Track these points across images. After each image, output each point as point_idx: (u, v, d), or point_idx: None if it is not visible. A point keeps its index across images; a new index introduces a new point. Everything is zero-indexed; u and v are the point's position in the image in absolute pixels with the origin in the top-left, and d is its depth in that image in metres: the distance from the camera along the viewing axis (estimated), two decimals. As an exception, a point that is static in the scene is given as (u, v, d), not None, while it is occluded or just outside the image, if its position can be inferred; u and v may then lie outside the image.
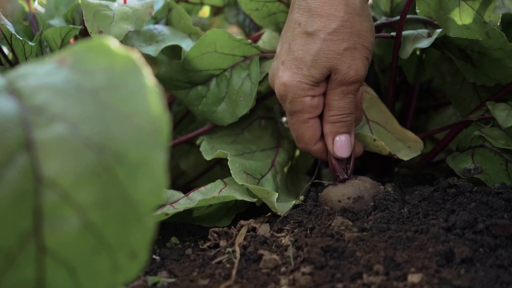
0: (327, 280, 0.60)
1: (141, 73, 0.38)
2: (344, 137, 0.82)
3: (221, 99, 0.96)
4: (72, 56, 0.40)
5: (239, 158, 0.87)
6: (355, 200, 0.78)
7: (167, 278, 0.65)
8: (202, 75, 0.96)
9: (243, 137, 1.00)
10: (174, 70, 0.96)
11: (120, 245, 0.34)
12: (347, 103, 0.80)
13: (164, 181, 0.35)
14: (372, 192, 0.80)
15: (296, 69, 0.79)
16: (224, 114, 0.96)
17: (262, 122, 1.03)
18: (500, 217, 0.69)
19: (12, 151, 0.34)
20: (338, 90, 0.79)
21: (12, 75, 0.41)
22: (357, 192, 0.79)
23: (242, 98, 0.94)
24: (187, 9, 1.28)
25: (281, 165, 0.93)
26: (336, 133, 0.82)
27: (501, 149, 0.83)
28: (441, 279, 0.58)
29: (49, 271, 0.33)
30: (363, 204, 0.78)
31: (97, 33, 0.85)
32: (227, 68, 0.95)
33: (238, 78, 0.95)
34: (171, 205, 0.79)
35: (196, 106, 0.98)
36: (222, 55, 0.94)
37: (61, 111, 0.36)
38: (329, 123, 0.82)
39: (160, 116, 0.37)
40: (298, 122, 0.82)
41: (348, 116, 0.81)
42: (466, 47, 0.88)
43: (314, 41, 0.77)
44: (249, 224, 0.78)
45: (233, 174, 0.81)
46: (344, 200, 0.78)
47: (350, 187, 0.79)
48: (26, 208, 0.33)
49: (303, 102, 0.80)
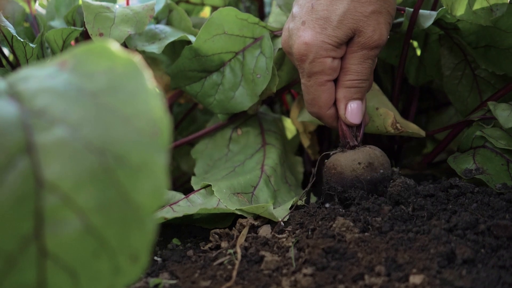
0: (328, 281, 0.60)
1: (141, 75, 0.38)
2: (356, 103, 0.81)
3: (237, 84, 0.95)
4: (73, 59, 0.40)
5: (226, 180, 0.86)
6: (365, 166, 0.78)
7: (168, 280, 0.65)
8: (215, 60, 0.95)
9: (231, 153, 0.99)
10: (187, 57, 0.96)
11: (121, 248, 0.34)
12: (365, 68, 0.80)
13: (165, 183, 0.35)
14: (382, 160, 0.79)
15: (320, 29, 0.78)
16: (243, 98, 0.95)
17: (238, 131, 1.02)
18: (502, 217, 0.69)
19: (13, 154, 0.34)
20: (359, 54, 0.79)
21: (13, 78, 0.41)
22: (367, 158, 0.78)
23: (259, 75, 0.93)
24: (188, 10, 1.28)
25: (271, 167, 0.92)
26: (349, 99, 0.81)
27: (502, 149, 0.83)
28: (442, 280, 0.58)
29: (50, 274, 0.33)
30: (372, 171, 0.78)
31: (97, 35, 0.85)
32: (238, 52, 0.95)
33: (252, 58, 0.94)
34: (171, 207, 0.79)
35: (213, 96, 0.97)
36: (232, 37, 0.93)
37: (61, 114, 0.36)
38: (344, 87, 0.81)
39: (161, 118, 0.36)
40: (316, 84, 0.81)
41: (364, 82, 0.81)
42: (471, 43, 0.88)
43: (340, 2, 0.76)
44: (248, 221, 0.78)
45: (224, 201, 0.80)
46: (354, 165, 0.78)
47: (360, 153, 0.79)
48: (27, 211, 0.33)
49: (324, 63, 0.78)
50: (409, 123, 0.93)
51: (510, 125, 0.81)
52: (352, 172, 0.78)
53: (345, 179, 0.78)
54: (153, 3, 0.93)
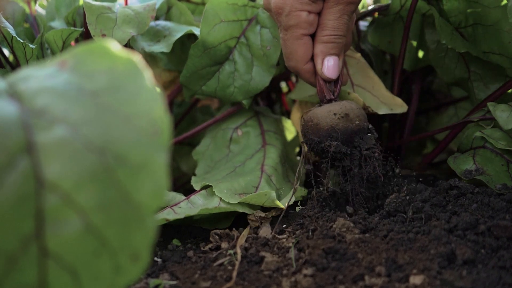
0: (329, 282, 0.60)
1: (142, 75, 0.38)
2: (333, 59, 0.84)
3: (250, 64, 0.98)
4: (73, 58, 0.40)
5: (226, 182, 0.86)
6: (341, 117, 0.79)
7: (168, 281, 0.65)
8: (222, 49, 0.97)
9: (232, 154, 1.00)
10: (196, 56, 0.97)
11: (121, 247, 0.34)
12: (341, 24, 0.82)
13: (166, 183, 0.35)
14: (358, 112, 0.81)
15: None
16: (261, 75, 0.98)
17: (239, 132, 1.03)
18: (502, 218, 0.68)
19: (14, 154, 0.34)
20: (335, 9, 0.81)
21: (13, 78, 0.41)
22: (343, 109, 0.80)
23: (268, 46, 0.96)
24: (189, 9, 1.28)
25: (272, 166, 0.92)
26: (326, 54, 0.83)
27: (502, 150, 0.83)
28: (443, 280, 0.58)
29: (51, 274, 0.33)
30: (348, 121, 0.79)
31: (100, 36, 0.84)
32: (240, 35, 0.97)
33: (255, 36, 0.97)
34: (172, 209, 0.79)
35: (232, 85, 0.99)
36: (230, 23, 0.96)
37: (62, 114, 0.36)
38: (321, 43, 0.83)
39: (161, 118, 0.36)
40: (292, 37, 0.83)
41: (340, 38, 0.83)
42: (460, 23, 0.89)
43: None
44: (256, 214, 0.79)
45: (226, 198, 0.81)
46: (330, 116, 0.79)
47: (336, 105, 0.81)
48: (27, 211, 0.33)
49: (299, 16, 0.81)
50: (396, 97, 0.95)
51: (510, 126, 0.81)
52: (328, 122, 0.79)
53: (321, 130, 0.80)
54: (154, 3, 0.93)
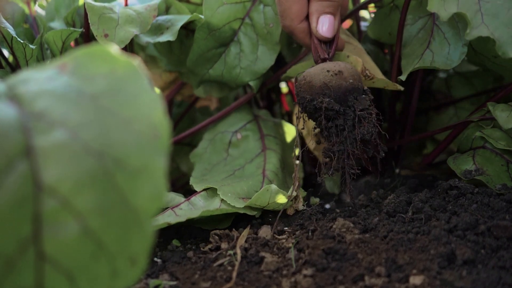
0: (329, 282, 0.60)
1: (142, 78, 0.38)
2: (328, 18, 0.84)
3: (256, 44, 0.99)
4: (73, 61, 0.40)
5: (228, 185, 0.86)
6: (334, 74, 0.78)
7: (168, 281, 0.65)
8: (227, 30, 0.98)
9: (230, 157, 0.99)
10: (201, 38, 0.98)
11: (119, 251, 0.34)
12: None
13: (164, 187, 0.35)
14: (352, 71, 0.79)
15: None
16: (266, 54, 0.99)
17: (238, 136, 1.02)
18: (502, 218, 0.68)
19: (12, 157, 0.34)
20: None
21: (13, 81, 0.41)
22: (337, 67, 0.79)
23: (271, 24, 0.97)
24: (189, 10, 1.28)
25: (273, 172, 0.92)
26: (321, 12, 0.84)
27: (502, 150, 0.83)
28: (443, 280, 0.58)
29: (48, 278, 0.33)
30: (342, 79, 0.78)
31: (103, 36, 0.84)
32: (244, 16, 0.98)
33: (259, 15, 0.98)
34: (173, 210, 0.79)
35: (238, 66, 1.00)
36: (232, 5, 0.97)
37: (61, 117, 0.36)
38: (316, 1, 0.83)
39: (161, 122, 0.36)
40: None
41: None
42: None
43: None
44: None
45: (230, 202, 0.80)
46: (323, 73, 0.78)
47: (330, 63, 0.80)
48: (25, 215, 0.33)
49: None
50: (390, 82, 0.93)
51: (510, 126, 0.81)
52: (321, 79, 0.78)
53: (313, 87, 0.78)
54: (155, 3, 0.93)
